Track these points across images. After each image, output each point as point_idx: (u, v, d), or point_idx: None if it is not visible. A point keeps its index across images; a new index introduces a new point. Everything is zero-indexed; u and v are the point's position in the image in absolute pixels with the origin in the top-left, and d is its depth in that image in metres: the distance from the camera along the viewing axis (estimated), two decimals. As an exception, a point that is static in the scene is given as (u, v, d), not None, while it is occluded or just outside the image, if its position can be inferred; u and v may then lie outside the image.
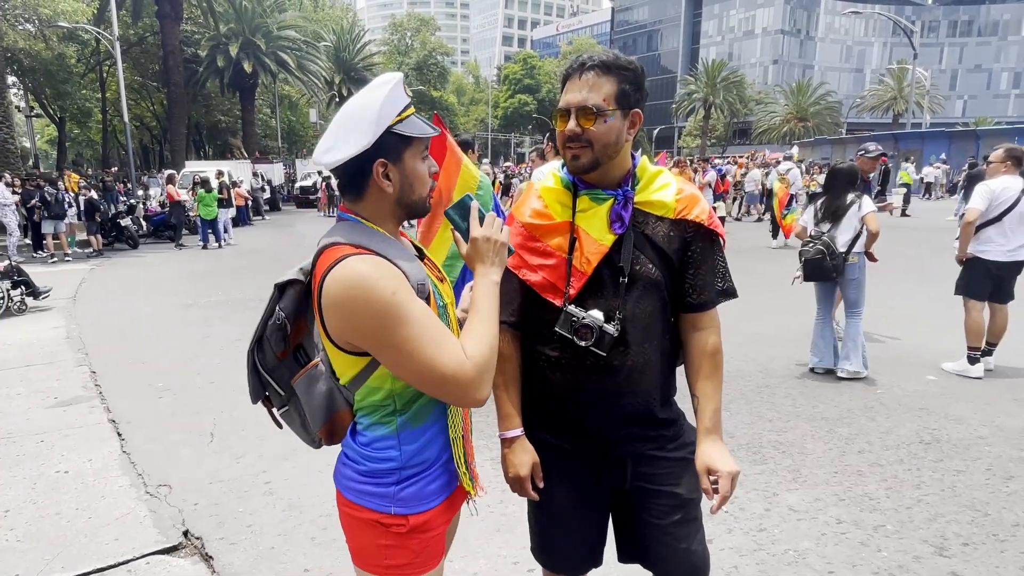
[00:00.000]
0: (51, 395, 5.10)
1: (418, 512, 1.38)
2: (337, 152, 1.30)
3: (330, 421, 1.46)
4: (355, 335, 1.26)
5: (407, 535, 1.37)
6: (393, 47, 61.42)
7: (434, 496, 1.41)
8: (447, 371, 1.24)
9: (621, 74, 1.49)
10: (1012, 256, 5.03)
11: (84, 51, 32.32)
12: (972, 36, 66.45)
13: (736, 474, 1.56)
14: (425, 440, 1.39)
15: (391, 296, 1.21)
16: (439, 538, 1.43)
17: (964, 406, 4.48)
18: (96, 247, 14.08)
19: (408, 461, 1.37)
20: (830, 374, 5.11)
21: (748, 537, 2.95)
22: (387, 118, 1.29)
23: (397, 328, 1.21)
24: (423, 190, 1.40)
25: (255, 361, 1.48)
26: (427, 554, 1.41)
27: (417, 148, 1.36)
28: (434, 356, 1.23)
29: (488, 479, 2.85)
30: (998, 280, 5.13)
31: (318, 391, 1.44)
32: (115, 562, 2.87)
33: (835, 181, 5.07)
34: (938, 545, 2.87)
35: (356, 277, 1.22)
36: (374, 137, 1.28)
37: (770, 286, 7.89)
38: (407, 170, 1.35)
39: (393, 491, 1.37)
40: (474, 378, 1.26)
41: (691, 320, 1.64)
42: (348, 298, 1.22)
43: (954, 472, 3.55)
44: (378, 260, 1.26)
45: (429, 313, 1.27)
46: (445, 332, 1.28)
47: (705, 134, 56.29)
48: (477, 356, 1.27)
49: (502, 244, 1.39)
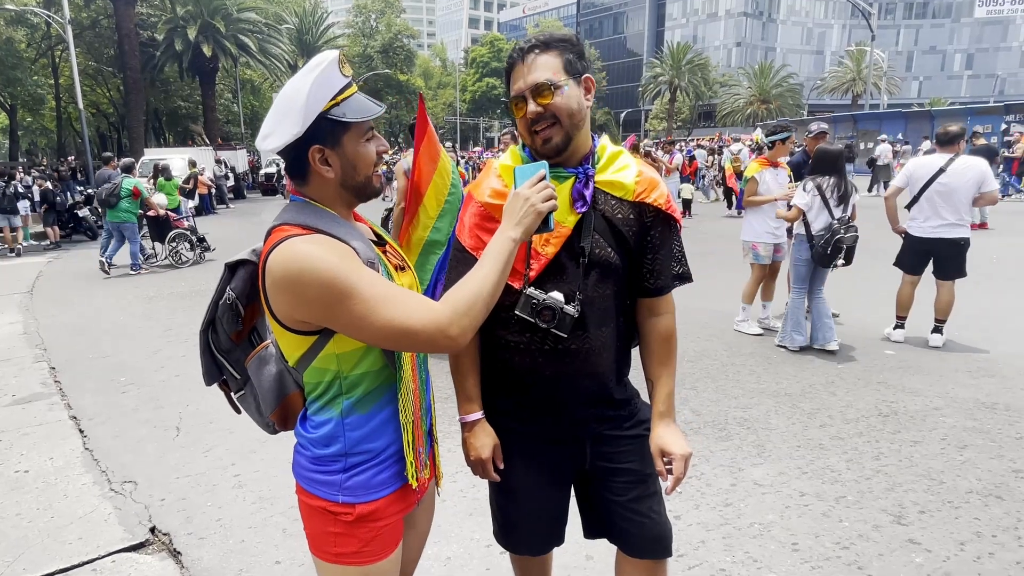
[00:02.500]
0: (8, 393, 4.96)
1: (365, 501, 1.37)
2: (273, 139, 1.29)
3: (282, 405, 1.46)
4: (307, 311, 1.24)
5: (354, 524, 1.36)
6: (357, 29, 60.26)
7: (383, 486, 1.39)
8: (411, 322, 1.21)
9: (560, 46, 1.51)
10: (935, 232, 5.19)
11: (34, 35, 31.11)
12: (927, 18, 67.86)
13: (688, 455, 1.60)
14: (372, 427, 1.37)
15: (337, 264, 1.20)
16: (391, 528, 1.42)
17: (920, 379, 4.63)
18: (53, 239, 13.64)
19: (353, 448, 1.36)
20: (785, 350, 5.27)
21: (715, 512, 3.02)
22: (319, 103, 1.27)
23: (344, 300, 1.19)
24: (367, 170, 1.37)
25: (208, 342, 1.47)
26: (378, 543, 1.40)
27: (357, 131, 1.33)
28: (394, 312, 1.21)
29: (459, 464, 2.86)
30: (924, 255, 5.32)
31: (268, 373, 1.44)
32: (79, 561, 2.82)
33: (836, 163, 5.09)
34: (896, 514, 2.97)
35: (298, 254, 1.21)
36: (304, 125, 1.26)
37: (734, 265, 8.02)
38: (347, 154, 1.33)
39: (340, 479, 1.36)
40: (446, 321, 1.22)
41: (648, 305, 1.66)
42: (293, 273, 1.20)
43: (911, 443, 3.68)
44: (323, 238, 1.25)
45: (381, 278, 1.26)
46: (402, 290, 1.27)
47: (671, 117, 56.66)
48: (457, 300, 1.25)
49: (537, 212, 1.37)
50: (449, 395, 1.61)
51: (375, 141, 1.37)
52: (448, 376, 1.73)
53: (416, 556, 1.68)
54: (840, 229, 4.89)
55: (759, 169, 5.69)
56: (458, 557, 2.76)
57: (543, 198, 1.37)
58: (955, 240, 5.15)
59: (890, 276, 5.75)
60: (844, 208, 5.02)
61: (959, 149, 5.26)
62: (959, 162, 5.11)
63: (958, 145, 5.26)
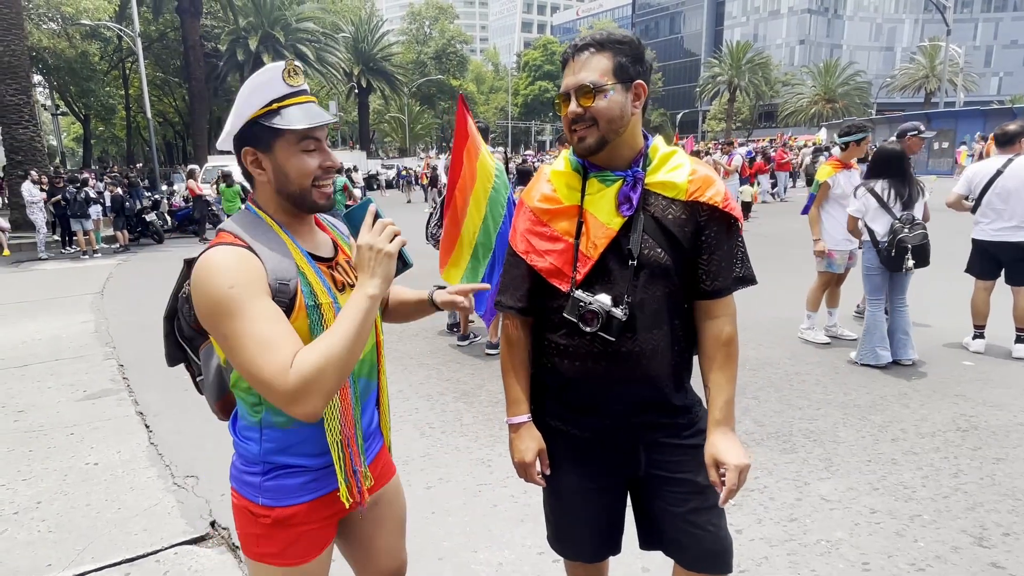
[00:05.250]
0: (80, 388, 5.19)
1: (284, 505, 1.38)
2: (224, 136, 1.36)
3: (223, 399, 1.52)
4: (201, 318, 1.27)
5: (272, 526, 1.38)
6: (412, 36, 61.37)
7: (304, 492, 1.39)
8: (264, 376, 1.18)
9: (615, 48, 1.47)
10: (998, 236, 4.96)
11: (107, 48, 32.79)
12: (1008, 11, 64.20)
13: (745, 467, 1.51)
14: (292, 442, 1.38)
15: (227, 290, 1.21)
16: (315, 532, 1.43)
17: (1002, 392, 4.33)
18: (122, 243, 14.31)
19: (267, 457, 1.37)
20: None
21: (779, 527, 2.88)
22: (250, 107, 1.31)
23: (226, 321, 1.21)
24: (302, 181, 1.34)
25: (171, 328, 1.55)
26: (300, 546, 1.41)
27: (288, 138, 1.32)
28: (255, 356, 1.18)
29: (510, 468, 2.82)
30: (992, 260, 5.07)
31: (212, 365, 1.50)
32: (144, 552, 2.90)
33: (893, 164, 4.79)
34: (977, 535, 2.77)
35: (205, 266, 1.24)
36: (234, 126, 1.33)
37: (797, 268, 7.73)
38: (278, 160, 1.33)
39: (259, 481, 1.38)
40: (291, 392, 1.17)
41: (704, 307, 1.59)
42: (195, 283, 1.25)
43: (993, 460, 3.43)
44: (239, 252, 1.26)
45: (268, 315, 1.22)
46: (279, 336, 1.21)
47: (730, 117, 55.48)
48: (305, 369, 1.17)
49: (387, 255, 1.26)
50: (501, 399, 1.57)
51: (319, 155, 1.35)
52: (499, 379, 1.71)
53: (393, 545, 1.66)
54: (902, 228, 4.59)
55: (832, 173, 5.37)
56: (509, 563, 2.71)
57: (387, 237, 1.28)
58: (1019, 244, 4.88)
59: (969, 280, 5.42)
60: (911, 210, 4.73)
61: (1020, 148, 4.99)
62: (1018, 163, 4.86)
63: (1019, 144, 4.99)
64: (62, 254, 13.97)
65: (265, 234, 1.33)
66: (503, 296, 1.68)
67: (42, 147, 16.97)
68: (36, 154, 16.34)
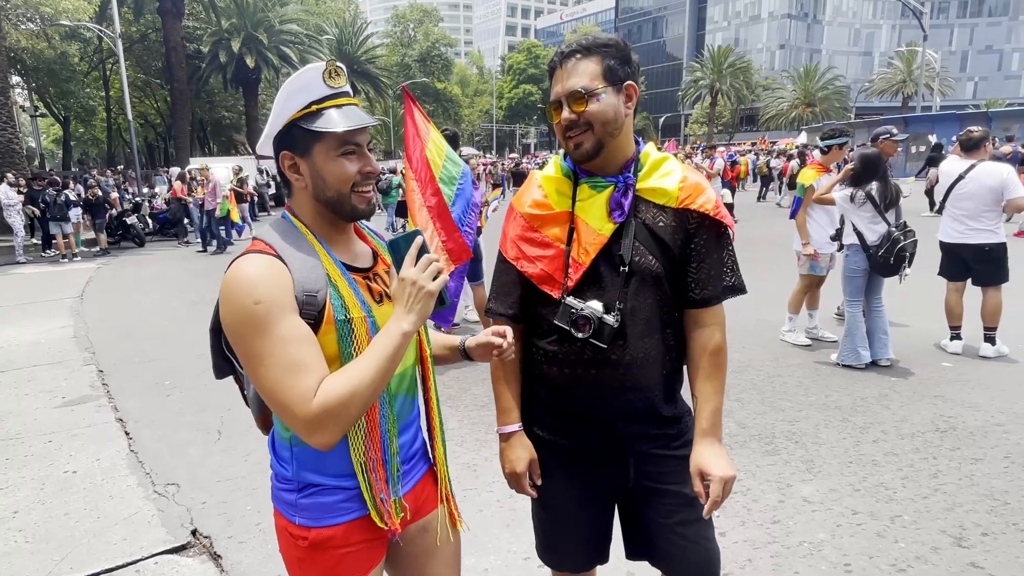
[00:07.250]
0: (59, 395, 5.11)
1: (321, 526, 1.30)
2: (264, 141, 1.31)
3: (264, 413, 1.46)
4: (226, 334, 1.22)
5: (310, 549, 1.30)
6: (396, 39, 61.22)
7: (337, 512, 1.31)
8: (286, 401, 1.14)
9: (603, 51, 1.47)
10: (960, 238, 5.11)
11: (87, 49, 32.39)
12: (983, 16, 65.53)
13: (730, 479, 1.50)
14: (323, 461, 1.30)
15: (253, 306, 1.15)
16: (357, 555, 1.33)
17: (980, 393, 4.40)
18: (102, 246, 14.12)
19: (299, 475, 1.31)
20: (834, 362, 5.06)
21: (762, 529, 2.91)
22: (289, 110, 1.26)
23: (251, 339, 1.16)
24: (340, 187, 1.28)
25: (216, 341, 1.46)
26: (343, 569, 1.32)
27: (328, 142, 1.26)
28: (279, 381, 1.14)
29: (496, 473, 2.81)
30: (958, 261, 5.21)
31: None
32: (124, 562, 2.86)
33: (875, 167, 4.86)
34: (956, 535, 2.81)
35: (232, 279, 1.19)
36: (273, 130, 1.29)
37: (781, 271, 7.80)
38: (316, 165, 1.27)
39: (295, 498, 1.31)
40: (313, 420, 1.13)
41: (693, 316, 1.58)
42: (222, 297, 1.20)
43: (971, 460, 3.49)
44: (267, 262, 1.20)
45: (294, 335, 1.17)
46: (306, 359, 1.17)
47: (712, 121, 55.95)
48: (329, 399, 1.14)
49: (428, 293, 1.22)
50: (487, 403, 1.57)
51: (359, 160, 1.30)
52: (488, 384, 1.69)
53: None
54: (901, 237, 4.68)
55: (816, 176, 5.47)
56: (495, 569, 2.71)
57: (431, 275, 1.23)
58: (980, 246, 5.03)
59: (943, 283, 5.51)
60: (896, 213, 4.82)
61: (984, 154, 5.10)
62: (979, 168, 4.98)
63: (983, 149, 5.10)
64: (42, 257, 13.76)
65: (297, 241, 1.28)
66: (494, 303, 1.67)
67: (20, 149, 16.75)
68: (14, 156, 16.12)
